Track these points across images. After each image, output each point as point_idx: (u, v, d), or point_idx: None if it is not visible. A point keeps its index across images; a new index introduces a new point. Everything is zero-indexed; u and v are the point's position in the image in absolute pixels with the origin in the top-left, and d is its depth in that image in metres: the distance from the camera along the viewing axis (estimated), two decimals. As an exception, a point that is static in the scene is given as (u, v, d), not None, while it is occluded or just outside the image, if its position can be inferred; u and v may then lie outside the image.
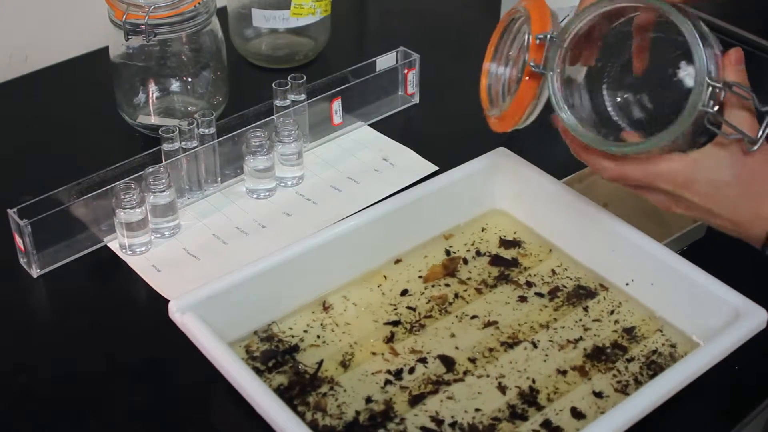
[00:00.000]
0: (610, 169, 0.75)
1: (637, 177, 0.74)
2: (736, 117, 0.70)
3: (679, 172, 0.72)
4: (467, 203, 0.92)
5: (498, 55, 0.84)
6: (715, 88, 0.69)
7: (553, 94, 0.77)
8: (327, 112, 1.04)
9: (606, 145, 0.74)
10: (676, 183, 0.72)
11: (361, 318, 0.83)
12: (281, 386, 0.76)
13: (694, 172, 0.72)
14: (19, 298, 0.88)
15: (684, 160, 0.72)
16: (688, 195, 0.72)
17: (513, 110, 0.79)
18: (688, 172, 0.72)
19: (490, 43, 0.84)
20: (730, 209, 0.72)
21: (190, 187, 0.96)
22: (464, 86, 1.16)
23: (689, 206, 0.74)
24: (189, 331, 0.74)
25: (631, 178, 0.74)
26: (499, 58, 0.84)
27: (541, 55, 0.77)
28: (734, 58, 0.72)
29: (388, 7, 1.34)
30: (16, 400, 0.78)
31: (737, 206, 0.72)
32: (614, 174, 0.75)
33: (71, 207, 0.88)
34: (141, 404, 0.78)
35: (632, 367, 0.78)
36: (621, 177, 0.74)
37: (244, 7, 1.14)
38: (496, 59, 0.84)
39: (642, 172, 0.73)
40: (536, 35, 0.77)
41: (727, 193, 0.72)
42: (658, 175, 0.72)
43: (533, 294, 0.85)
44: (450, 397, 0.76)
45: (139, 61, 1.02)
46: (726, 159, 0.71)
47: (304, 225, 0.94)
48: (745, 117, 0.70)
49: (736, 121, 0.70)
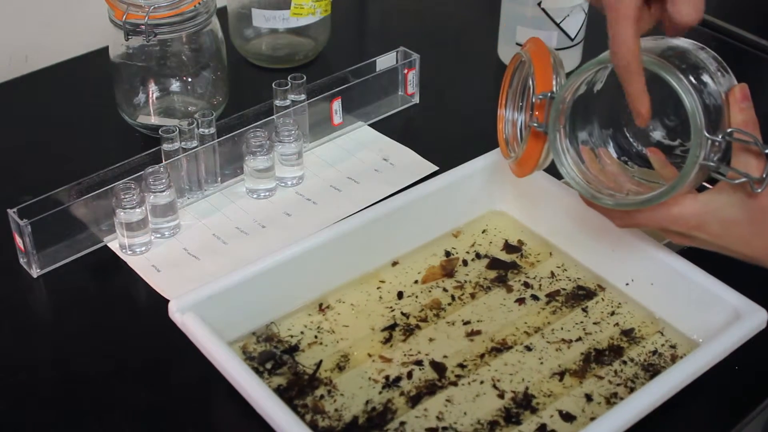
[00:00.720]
0: (621, 217, 0.76)
1: (649, 224, 0.74)
2: (743, 160, 0.70)
3: (690, 216, 0.72)
4: (467, 203, 0.92)
5: (510, 100, 0.85)
6: (715, 142, 0.69)
7: (555, 151, 0.77)
8: (327, 112, 1.04)
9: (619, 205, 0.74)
10: (689, 225, 0.73)
11: (359, 319, 0.83)
12: (280, 387, 0.76)
13: (706, 214, 0.72)
14: (19, 298, 0.88)
15: (695, 204, 0.72)
16: (701, 235, 0.73)
17: (526, 159, 0.80)
18: (699, 215, 0.72)
19: (502, 88, 0.85)
20: (743, 246, 0.73)
21: (190, 187, 0.96)
22: (464, 86, 1.17)
23: (704, 243, 0.74)
24: (189, 331, 0.74)
25: (643, 225, 0.75)
26: (512, 103, 0.85)
27: (543, 113, 0.77)
28: (739, 96, 0.71)
29: (388, 7, 1.35)
30: (16, 400, 0.78)
31: (750, 243, 0.73)
32: (626, 222, 0.76)
33: (71, 207, 0.88)
34: (141, 404, 0.78)
35: (632, 367, 0.78)
36: (633, 223, 0.75)
37: (244, 7, 1.14)
38: (509, 105, 0.85)
39: (653, 219, 0.73)
40: (538, 95, 0.77)
41: (739, 232, 0.72)
42: (670, 221, 0.73)
43: (531, 296, 0.85)
44: (448, 400, 0.76)
45: (139, 61, 1.02)
46: (736, 199, 0.71)
47: (304, 225, 0.94)
48: (751, 159, 0.70)
49: (743, 164, 0.69)
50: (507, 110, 0.85)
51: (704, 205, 0.72)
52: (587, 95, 0.77)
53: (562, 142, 0.77)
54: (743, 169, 0.69)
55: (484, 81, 1.18)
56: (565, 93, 0.76)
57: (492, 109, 0.86)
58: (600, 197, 0.75)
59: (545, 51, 0.79)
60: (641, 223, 0.75)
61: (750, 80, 0.73)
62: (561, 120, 0.76)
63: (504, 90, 0.85)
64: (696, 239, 0.74)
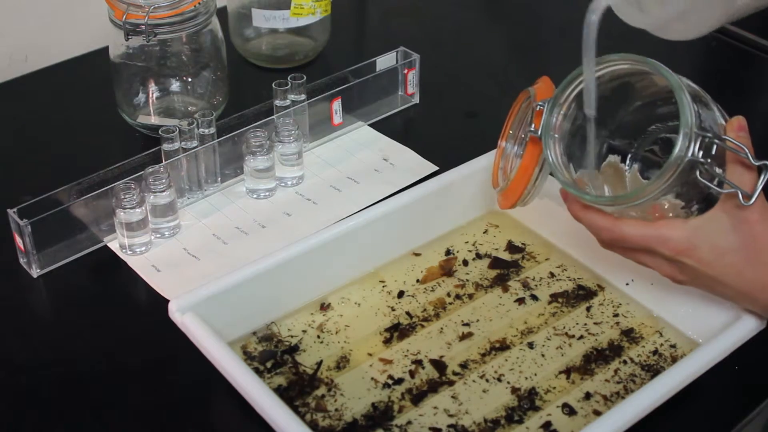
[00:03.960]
0: (608, 230, 0.73)
1: (635, 239, 0.72)
2: (736, 174, 0.69)
3: (680, 239, 0.70)
4: (467, 203, 0.92)
5: (512, 134, 0.85)
6: (705, 138, 0.68)
7: (550, 155, 0.76)
8: (327, 112, 1.04)
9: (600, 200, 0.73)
10: (678, 249, 0.70)
11: (360, 319, 0.83)
12: (280, 387, 0.76)
13: (696, 237, 0.70)
14: (19, 298, 0.88)
15: (685, 227, 0.70)
16: (690, 262, 0.71)
17: (515, 184, 0.79)
18: (689, 238, 0.70)
19: (506, 120, 0.85)
20: (734, 277, 0.71)
21: (190, 187, 0.96)
22: (464, 86, 1.17)
23: (694, 274, 0.72)
24: (189, 331, 0.74)
25: (629, 239, 0.72)
26: (513, 137, 0.85)
27: (540, 121, 0.77)
28: (736, 126, 0.70)
29: (388, 7, 1.35)
30: (16, 400, 0.78)
31: (742, 274, 0.70)
32: (612, 235, 0.73)
33: (71, 207, 0.88)
34: (141, 404, 0.78)
35: (632, 367, 0.78)
36: (619, 238, 0.72)
37: (244, 7, 1.14)
38: (510, 138, 0.85)
39: (640, 233, 0.71)
40: (538, 102, 0.77)
41: (731, 260, 0.70)
42: (658, 239, 0.71)
43: (531, 296, 0.85)
44: (449, 400, 0.76)
45: (139, 61, 1.02)
46: (728, 225, 0.70)
47: (304, 225, 0.94)
48: (744, 173, 0.69)
49: (735, 178, 0.69)
50: (507, 143, 0.85)
51: (695, 228, 0.70)
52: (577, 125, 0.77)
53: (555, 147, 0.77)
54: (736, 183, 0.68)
55: (483, 81, 1.18)
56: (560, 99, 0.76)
57: (492, 110, 0.86)
58: (581, 193, 0.73)
59: (552, 89, 0.79)
60: (626, 235, 0.72)
61: (750, 80, 0.73)
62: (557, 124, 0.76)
63: (508, 122, 0.85)
64: (685, 267, 0.71)
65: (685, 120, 0.68)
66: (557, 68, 0.82)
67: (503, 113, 0.85)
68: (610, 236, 0.73)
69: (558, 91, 0.76)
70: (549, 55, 1.24)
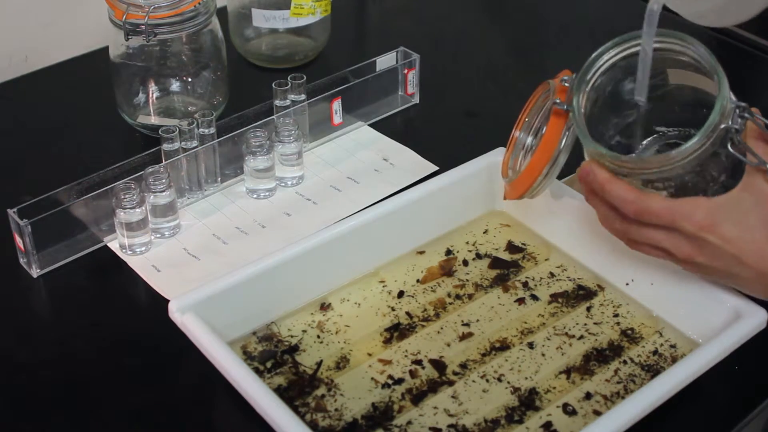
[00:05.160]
0: (634, 203, 0.73)
1: (661, 212, 0.72)
2: (759, 150, 0.70)
3: (704, 214, 0.70)
4: (467, 203, 0.92)
5: (526, 124, 0.85)
6: (737, 108, 0.70)
7: (576, 124, 0.76)
8: (327, 112, 1.04)
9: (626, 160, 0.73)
10: (701, 225, 0.70)
11: (360, 319, 0.83)
12: (280, 386, 0.76)
13: (719, 214, 0.70)
14: (19, 298, 0.88)
15: (709, 203, 0.71)
16: (712, 239, 0.71)
17: (529, 170, 0.80)
18: (713, 213, 0.70)
19: (522, 111, 0.85)
20: (756, 256, 0.70)
21: (190, 187, 0.96)
22: (464, 86, 1.17)
23: (714, 254, 0.72)
24: (189, 331, 0.74)
25: (654, 212, 0.72)
26: (527, 127, 0.85)
27: (565, 95, 0.77)
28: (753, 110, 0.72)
29: (388, 7, 1.35)
30: (16, 400, 0.78)
31: (764, 252, 0.70)
32: (637, 207, 0.72)
33: (71, 207, 0.88)
34: (141, 404, 0.78)
35: (632, 367, 0.78)
36: (644, 210, 0.72)
37: (244, 7, 1.14)
38: (524, 128, 0.85)
39: (665, 206, 0.71)
40: (562, 78, 0.78)
41: (753, 237, 0.70)
42: (683, 213, 0.71)
43: (531, 296, 0.85)
44: (449, 400, 0.76)
45: (139, 61, 1.02)
46: (752, 202, 0.70)
47: (304, 225, 0.94)
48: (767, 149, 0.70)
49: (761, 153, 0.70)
50: (521, 133, 0.85)
51: (719, 205, 0.71)
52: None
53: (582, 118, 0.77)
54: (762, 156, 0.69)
55: (483, 81, 1.18)
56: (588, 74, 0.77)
57: (492, 110, 0.86)
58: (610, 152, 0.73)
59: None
60: (652, 207, 0.71)
61: (750, 80, 0.73)
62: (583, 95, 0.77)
63: (525, 111, 0.85)
64: (706, 246, 0.71)
65: (723, 90, 0.70)
66: (557, 68, 0.82)
67: (503, 113, 0.85)
68: (635, 208, 0.73)
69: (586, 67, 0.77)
70: (549, 55, 1.24)
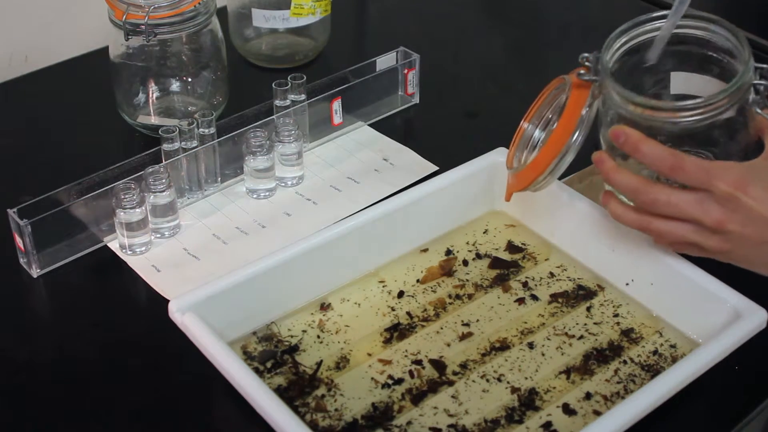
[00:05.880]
0: (668, 159, 0.74)
1: (695, 171, 0.73)
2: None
3: (737, 173, 0.72)
4: (467, 203, 0.92)
5: (536, 117, 0.86)
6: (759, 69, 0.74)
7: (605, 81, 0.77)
8: (327, 112, 1.04)
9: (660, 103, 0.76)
10: (736, 183, 0.72)
11: (360, 319, 0.83)
12: (280, 387, 0.76)
13: (751, 173, 0.72)
14: (19, 298, 0.88)
15: (740, 165, 0.73)
16: (745, 199, 0.72)
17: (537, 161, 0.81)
18: (745, 174, 0.72)
19: (534, 103, 0.86)
20: None
21: (190, 187, 0.96)
22: (464, 86, 1.17)
23: (746, 218, 0.73)
24: (189, 331, 0.74)
25: (688, 170, 0.73)
26: (537, 120, 0.85)
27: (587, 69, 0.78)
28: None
29: (388, 7, 1.35)
30: (16, 400, 0.78)
31: None
32: (673, 162, 0.73)
33: (71, 207, 0.88)
34: (141, 404, 0.78)
35: (632, 367, 0.78)
36: (678, 167, 0.73)
37: (244, 7, 1.14)
38: (534, 120, 0.86)
39: (700, 164, 0.73)
40: (579, 72, 0.79)
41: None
42: (716, 172, 0.72)
43: (531, 296, 0.85)
44: (449, 400, 0.76)
45: (139, 61, 1.02)
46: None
47: (304, 225, 0.94)
48: None
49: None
50: (530, 125, 0.86)
51: (750, 165, 0.73)
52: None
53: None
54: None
55: (483, 81, 1.18)
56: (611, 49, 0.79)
57: (492, 110, 0.86)
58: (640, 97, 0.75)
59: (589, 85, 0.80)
60: (686, 166, 0.73)
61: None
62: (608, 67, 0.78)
63: (536, 104, 0.85)
64: (739, 208, 0.72)
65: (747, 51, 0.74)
66: (557, 68, 0.82)
67: (503, 113, 0.85)
68: (670, 164, 0.73)
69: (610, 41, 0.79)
70: (549, 55, 1.24)
